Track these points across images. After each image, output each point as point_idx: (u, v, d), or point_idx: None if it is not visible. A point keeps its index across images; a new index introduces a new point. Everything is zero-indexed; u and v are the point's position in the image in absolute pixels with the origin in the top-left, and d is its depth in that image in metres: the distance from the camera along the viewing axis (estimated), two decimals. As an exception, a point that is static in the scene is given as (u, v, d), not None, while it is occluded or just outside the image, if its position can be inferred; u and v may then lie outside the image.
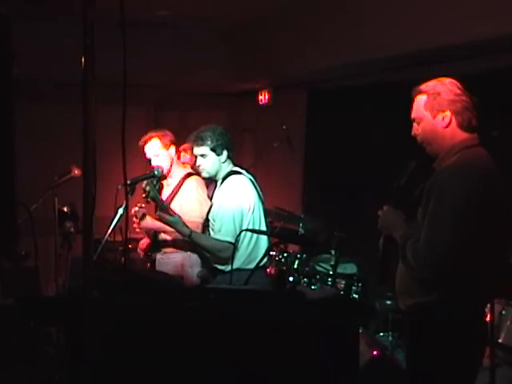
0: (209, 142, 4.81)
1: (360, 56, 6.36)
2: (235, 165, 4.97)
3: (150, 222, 5.19)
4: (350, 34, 6.37)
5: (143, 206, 5.24)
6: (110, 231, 4.66)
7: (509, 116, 5.29)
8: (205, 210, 5.10)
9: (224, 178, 4.88)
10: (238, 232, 4.64)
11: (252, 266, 4.63)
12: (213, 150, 4.82)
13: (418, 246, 3.21)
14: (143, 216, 5.15)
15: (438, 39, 5.35)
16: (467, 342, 3.28)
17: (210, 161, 4.86)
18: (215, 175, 4.92)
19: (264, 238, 4.83)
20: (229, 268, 4.67)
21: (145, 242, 5.47)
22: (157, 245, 5.42)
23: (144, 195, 4.81)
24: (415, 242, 3.23)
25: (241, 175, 4.88)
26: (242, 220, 4.72)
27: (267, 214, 5.04)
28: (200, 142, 4.85)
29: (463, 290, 3.24)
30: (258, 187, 4.95)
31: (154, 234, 5.41)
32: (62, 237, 5.88)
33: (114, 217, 4.69)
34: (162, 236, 5.38)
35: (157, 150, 5.36)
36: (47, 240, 5.99)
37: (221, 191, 4.85)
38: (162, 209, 4.82)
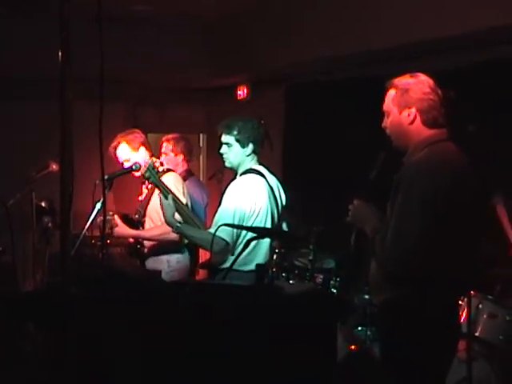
0: (235, 132, 4.66)
1: (339, 51, 6.39)
2: (261, 163, 4.85)
3: (123, 229, 5.27)
4: (329, 29, 6.40)
5: (111, 213, 5.27)
6: (87, 226, 4.66)
7: (487, 110, 5.33)
8: None
9: (241, 174, 4.74)
10: (234, 232, 4.52)
11: (248, 267, 4.52)
12: (237, 140, 4.67)
13: (385, 241, 3.24)
14: (111, 227, 5.22)
15: (417, 34, 5.39)
16: (437, 337, 3.31)
17: (234, 151, 4.70)
18: (237, 167, 4.76)
19: (265, 243, 4.70)
20: (223, 266, 4.60)
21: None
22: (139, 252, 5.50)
23: (142, 180, 4.80)
24: (383, 236, 3.26)
25: (258, 176, 4.74)
26: (241, 221, 4.57)
27: (282, 218, 4.94)
28: (226, 130, 4.70)
29: (431, 286, 3.27)
30: (276, 191, 4.85)
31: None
32: (40, 232, 5.86)
33: (92, 212, 4.69)
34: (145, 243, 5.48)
35: (127, 155, 5.39)
36: (25, 235, 5.97)
37: (230, 188, 4.68)
38: (164, 194, 4.72)
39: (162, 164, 4.92)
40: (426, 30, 5.29)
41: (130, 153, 5.40)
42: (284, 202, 4.93)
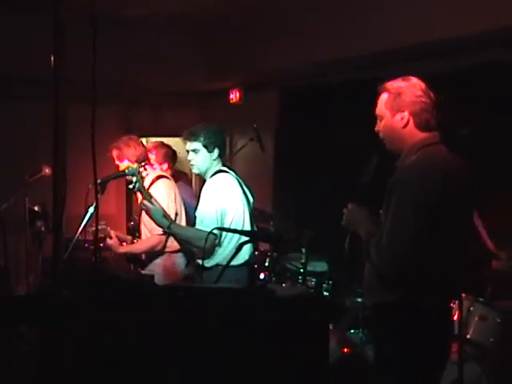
0: (201, 138, 4.83)
1: (331, 54, 6.37)
2: (224, 165, 4.97)
3: (114, 244, 5.34)
4: (321, 33, 6.39)
5: (103, 223, 5.31)
6: (80, 230, 4.65)
7: (483, 113, 5.33)
8: (170, 214, 5.18)
9: (211, 176, 4.87)
10: (218, 225, 4.62)
11: (235, 262, 4.51)
12: (205, 146, 4.84)
13: (380, 244, 3.23)
14: (105, 237, 5.29)
15: (413, 37, 5.38)
16: (430, 340, 3.31)
17: (201, 157, 4.86)
18: (205, 172, 4.91)
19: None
20: (211, 264, 4.74)
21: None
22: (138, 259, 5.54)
23: (130, 186, 4.83)
24: (378, 239, 3.25)
25: (229, 175, 4.88)
26: (223, 216, 4.72)
27: (252, 215, 5.00)
28: (193, 137, 4.86)
29: (424, 288, 3.27)
30: (245, 188, 4.95)
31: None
32: (33, 236, 5.84)
33: (85, 216, 4.67)
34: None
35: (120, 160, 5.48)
36: (18, 239, 5.94)
37: (207, 187, 4.83)
38: (147, 199, 4.82)
39: (145, 169, 4.98)
40: (420, 33, 5.28)
41: (123, 161, 5.47)
42: (251, 200, 5.01)
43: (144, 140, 9.22)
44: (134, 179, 4.77)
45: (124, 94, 8.70)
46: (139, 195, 5.33)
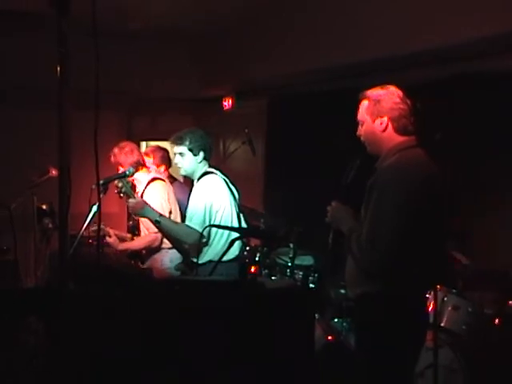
0: (187, 142, 4.84)
1: (317, 64, 6.38)
2: (210, 166, 4.98)
3: (113, 241, 5.33)
4: (310, 42, 6.40)
5: (102, 223, 5.32)
6: (84, 227, 4.64)
7: (452, 120, 5.36)
8: (164, 212, 5.20)
9: (199, 178, 4.88)
10: (205, 223, 4.64)
11: (226, 258, 4.51)
12: (190, 149, 4.85)
13: (361, 240, 3.25)
14: (104, 235, 5.30)
15: (392, 49, 5.40)
16: (407, 328, 3.33)
17: (187, 160, 4.87)
18: (192, 174, 4.92)
19: (236, 235, 4.76)
20: (203, 260, 4.73)
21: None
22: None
23: (116, 191, 4.80)
24: (359, 235, 3.27)
25: (215, 175, 4.88)
26: (211, 214, 4.73)
27: (240, 212, 5.02)
28: (179, 141, 4.88)
29: (402, 281, 3.29)
30: (232, 187, 4.95)
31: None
32: (41, 232, 5.83)
33: (88, 214, 4.67)
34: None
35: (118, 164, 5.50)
36: (27, 236, 5.92)
37: (196, 188, 4.85)
38: (131, 196, 4.82)
39: (131, 175, 5.01)
40: (402, 44, 5.29)
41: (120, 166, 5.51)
42: (237, 196, 5.02)
43: (144, 143, 9.24)
44: (120, 185, 4.75)
45: (124, 101, 8.68)
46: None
